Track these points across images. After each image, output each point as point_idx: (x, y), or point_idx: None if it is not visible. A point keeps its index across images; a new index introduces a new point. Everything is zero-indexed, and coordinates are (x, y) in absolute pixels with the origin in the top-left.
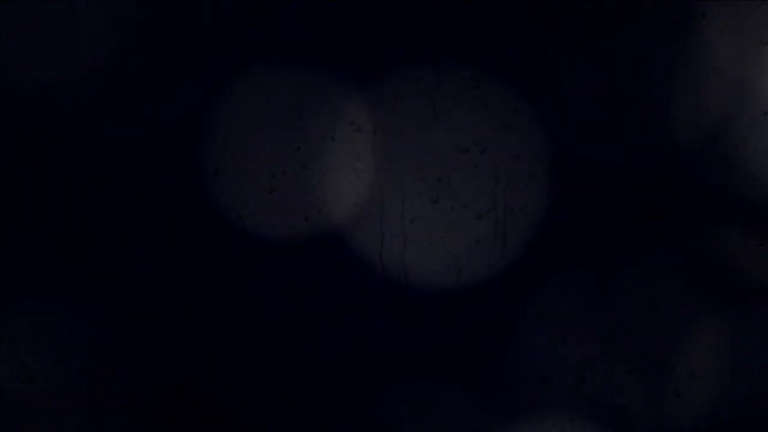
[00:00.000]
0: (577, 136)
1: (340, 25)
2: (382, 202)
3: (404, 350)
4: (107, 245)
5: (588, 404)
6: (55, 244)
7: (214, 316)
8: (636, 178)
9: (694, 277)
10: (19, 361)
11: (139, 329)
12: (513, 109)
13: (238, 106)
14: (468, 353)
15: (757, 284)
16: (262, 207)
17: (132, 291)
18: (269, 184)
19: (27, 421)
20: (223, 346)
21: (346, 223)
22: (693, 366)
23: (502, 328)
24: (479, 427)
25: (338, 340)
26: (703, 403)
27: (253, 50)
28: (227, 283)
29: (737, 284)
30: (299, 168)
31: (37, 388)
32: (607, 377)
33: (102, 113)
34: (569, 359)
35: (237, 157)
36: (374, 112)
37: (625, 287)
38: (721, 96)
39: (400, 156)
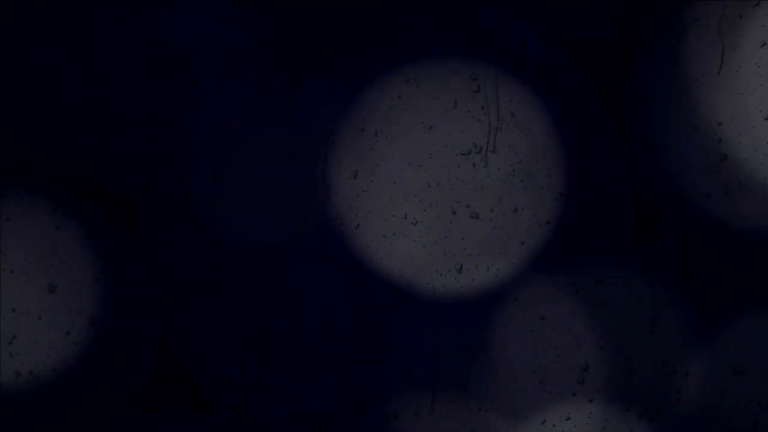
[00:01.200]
0: (578, 137)
1: (340, 24)
2: (383, 202)
3: (404, 350)
4: (107, 244)
5: (588, 405)
6: (54, 241)
7: (215, 315)
8: (636, 180)
9: (694, 278)
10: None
11: (138, 326)
12: (511, 111)
13: (237, 108)
14: (468, 353)
15: (757, 285)
16: (262, 208)
17: (131, 290)
18: (269, 185)
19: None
20: (221, 346)
21: (346, 224)
22: (693, 367)
23: (503, 328)
24: (479, 427)
25: (339, 339)
26: (703, 403)
27: (252, 50)
28: (227, 283)
29: (737, 285)
30: (300, 169)
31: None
32: (607, 379)
33: (101, 115)
34: (569, 360)
35: (236, 158)
36: (375, 113)
37: (625, 288)
38: (721, 99)
39: (401, 157)
